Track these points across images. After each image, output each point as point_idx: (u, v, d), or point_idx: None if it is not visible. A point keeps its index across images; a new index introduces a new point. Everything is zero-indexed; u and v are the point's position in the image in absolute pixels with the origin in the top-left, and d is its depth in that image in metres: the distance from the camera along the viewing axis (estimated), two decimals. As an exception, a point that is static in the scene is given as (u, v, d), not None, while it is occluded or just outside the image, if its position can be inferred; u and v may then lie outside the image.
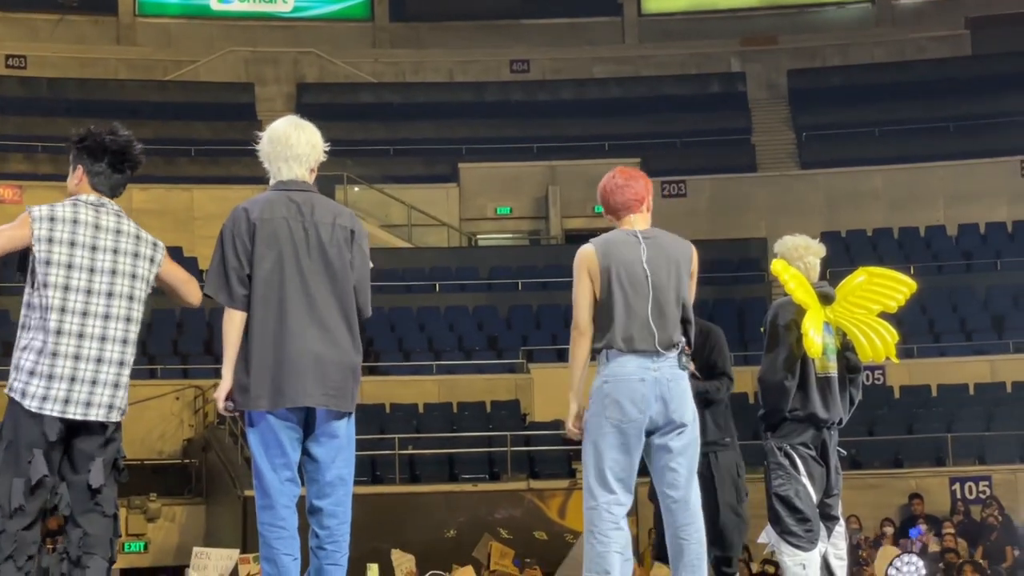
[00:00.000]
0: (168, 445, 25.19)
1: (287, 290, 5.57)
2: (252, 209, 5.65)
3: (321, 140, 5.86)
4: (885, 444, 24.02)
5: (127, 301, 5.52)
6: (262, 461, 5.56)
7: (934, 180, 31.16)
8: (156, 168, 31.55)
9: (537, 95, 34.65)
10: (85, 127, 5.75)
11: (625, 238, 6.08)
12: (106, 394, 5.44)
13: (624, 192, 6.16)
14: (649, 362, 5.91)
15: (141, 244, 5.63)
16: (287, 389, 5.52)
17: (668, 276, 6.05)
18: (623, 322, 5.92)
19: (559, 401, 28.00)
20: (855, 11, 36.23)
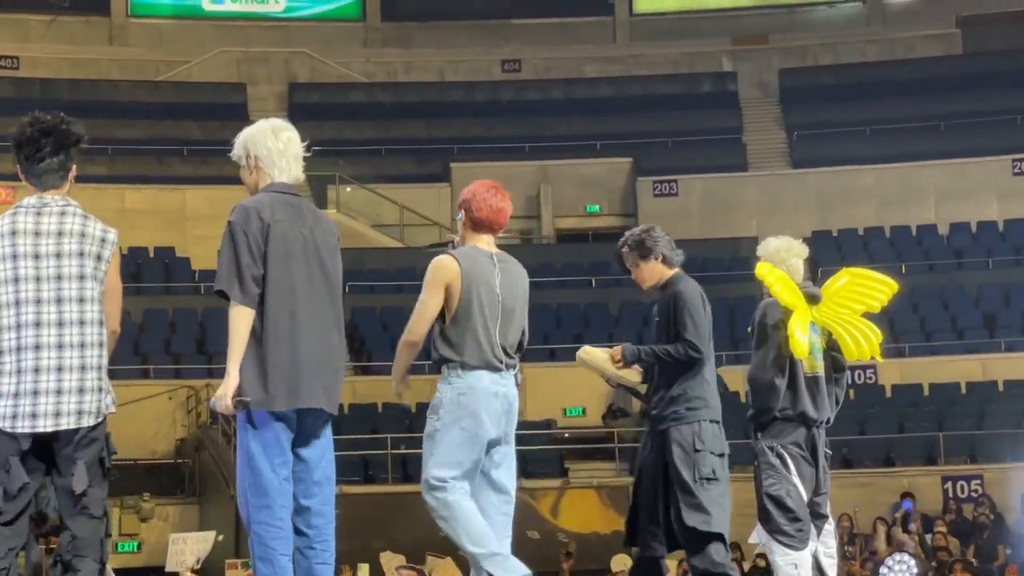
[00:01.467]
0: (161, 445, 25.20)
1: (300, 292, 5.63)
2: (262, 210, 5.64)
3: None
4: (877, 443, 24.07)
5: (78, 304, 5.36)
6: (262, 461, 5.58)
7: (925, 179, 31.22)
8: (148, 168, 31.58)
9: (528, 94, 34.68)
10: (18, 122, 5.55)
11: (485, 259, 6.18)
12: (72, 401, 5.34)
13: (501, 216, 6.24)
14: (499, 377, 6.11)
15: (86, 242, 5.43)
16: (301, 390, 5.58)
17: (515, 303, 6.24)
18: (480, 339, 6.06)
19: (551, 400, 28.17)
20: (846, 10, 36.29)
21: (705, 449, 6.92)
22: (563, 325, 27.92)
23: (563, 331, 27.64)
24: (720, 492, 6.92)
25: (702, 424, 6.94)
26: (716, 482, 6.91)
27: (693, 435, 6.94)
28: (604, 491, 23.07)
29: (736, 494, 7.09)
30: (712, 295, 27.67)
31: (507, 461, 6.19)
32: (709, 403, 7.01)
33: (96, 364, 5.43)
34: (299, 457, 5.67)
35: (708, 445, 6.93)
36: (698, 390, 7.00)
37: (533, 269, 29.08)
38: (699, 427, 6.94)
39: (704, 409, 6.98)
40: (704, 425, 6.95)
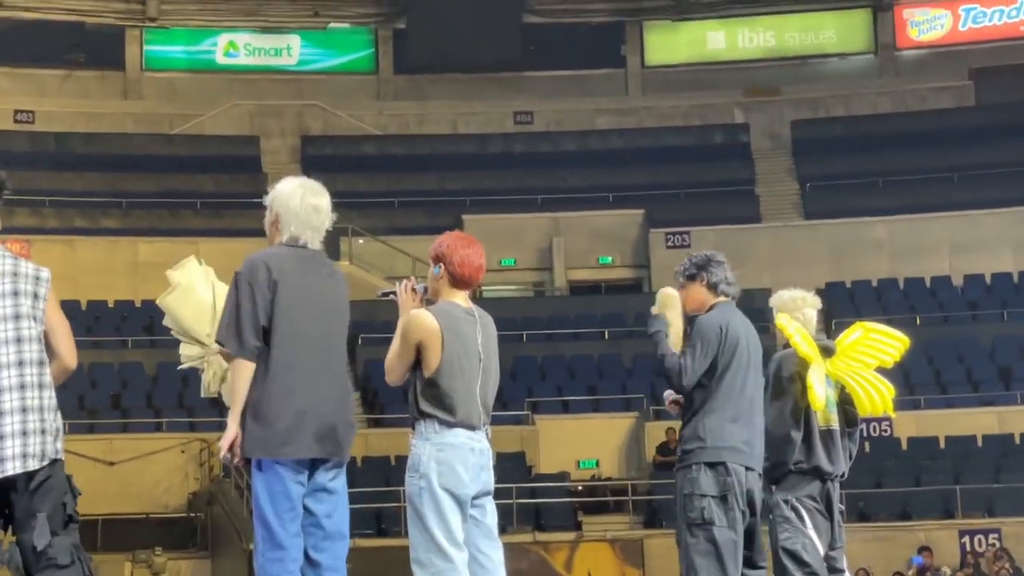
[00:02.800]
0: (173, 498, 25.11)
1: (308, 345, 5.66)
2: (271, 262, 5.69)
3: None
4: (893, 496, 23.91)
5: (15, 345, 5.19)
6: (271, 513, 5.58)
7: (939, 230, 31.17)
8: (161, 221, 31.66)
9: (540, 146, 34.76)
10: None
11: (465, 316, 6.10)
12: (16, 445, 5.12)
13: (480, 273, 6.18)
14: (474, 434, 6.03)
15: (20, 281, 5.31)
16: (305, 440, 5.60)
17: (492, 360, 6.16)
18: (459, 397, 5.99)
19: (565, 452, 28.05)
20: (857, 62, 36.38)
21: (694, 492, 6.64)
22: (576, 377, 27.85)
23: (576, 383, 27.57)
24: (708, 538, 6.59)
25: (693, 468, 6.68)
26: (705, 527, 6.59)
27: (685, 479, 6.71)
28: (618, 544, 22.92)
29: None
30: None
31: (491, 508, 6.16)
32: (708, 445, 6.69)
33: (38, 406, 5.21)
34: (309, 510, 5.67)
35: (699, 488, 6.64)
36: (700, 431, 6.70)
37: (546, 321, 29.10)
38: (691, 471, 6.69)
39: (698, 451, 6.69)
40: (696, 468, 6.67)
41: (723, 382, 6.75)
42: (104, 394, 26.72)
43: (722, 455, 6.67)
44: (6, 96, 33.98)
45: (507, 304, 30.68)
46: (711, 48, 36.54)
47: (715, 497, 6.62)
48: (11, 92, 34.16)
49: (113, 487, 24.70)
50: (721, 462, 6.66)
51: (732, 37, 36.53)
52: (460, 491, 5.96)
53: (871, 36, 36.15)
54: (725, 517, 6.60)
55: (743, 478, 6.68)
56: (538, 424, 26.08)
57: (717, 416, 6.71)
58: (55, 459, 5.24)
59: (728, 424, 6.70)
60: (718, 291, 6.91)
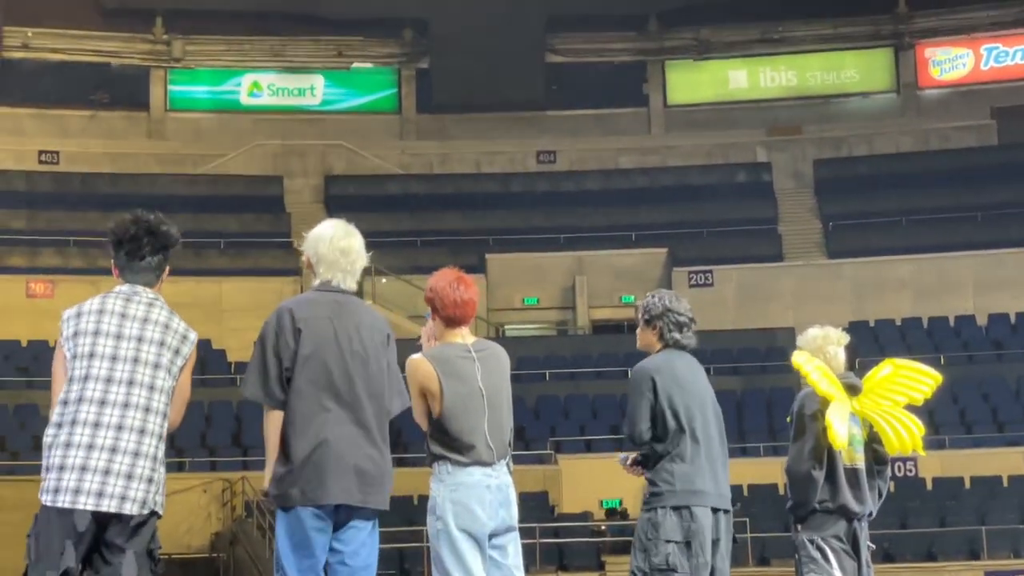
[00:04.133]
0: (196, 539, 25.09)
1: (331, 390, 5.67)
2: (296, 310, 5.73)
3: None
4: (918, 537, 23.75)
5: (147, 391, 5.38)
6: (289, 560, 5.61)
7: (962, 269, 31.08)
8: (186, 261, 31.73)
9: (563, 185, 34.81)
10: (119, 219, 5.65)
11: (462, 355, 6.08)
12: (119, 485, 5.26)
13: (467, 308, 6.15)
14: (490, 470, 6.03)
15: (168, 334, 5.48)
16: (329, 486, 5.60)
17: (500, 391, 6.15)
18: (467, 438, 5.99)
19: (588, 492, 27.95)
20: (880, 101, 36.38)
21: (658, 537, 6.56)
22: (599, 416, 27.79)
23: (599, 422, 27.51)
24: None
25: (659, 511, 6.61)
26: (669, 573, 6.53)
27: (648, 523, 6.63)
28: (641, 585, 22.79)
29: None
30: (748, 386, 27.68)
31: (513, 546, 6.12)
32: (677, 489, 6.64)
33: (151, 454, 5.37)
34: (335, 550, 5.67)
35: (663, 533, 6.56)
36: (668, 475, 6.65)
37: (569, 360, 29.05)
38: (656, 514, 6.62)
39: (667, 495, 6.64)
40: (662, 512, 6.61)
41: (679, 425, 6.71)
42: (127, 433, 26.74)
43: (688, 499, 6.64)
44: (31, 137, 34.21)
45: (530, 343, 30.67)
46: (733, 87, 36.60)
47: (679, 543, 6.58)
48: (36, 133, 34.40)
49: (136, 526, 24.70)
50: (686, 506, 6.63)
51: (754, 76, 36.59)
52: (477, 530, 5.94)
53: (893, 75, 36.17)
54: (687, 564, 6.55)
55: (708, 522, 6.67)
56: (561, 463, 26.01)
57: (680, 460, 6.69)
58: (154, 511, 5.38)
59: (690, 467, 6.68)
60: (665, 339, 6.92)
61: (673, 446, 6.69)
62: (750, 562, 22.66)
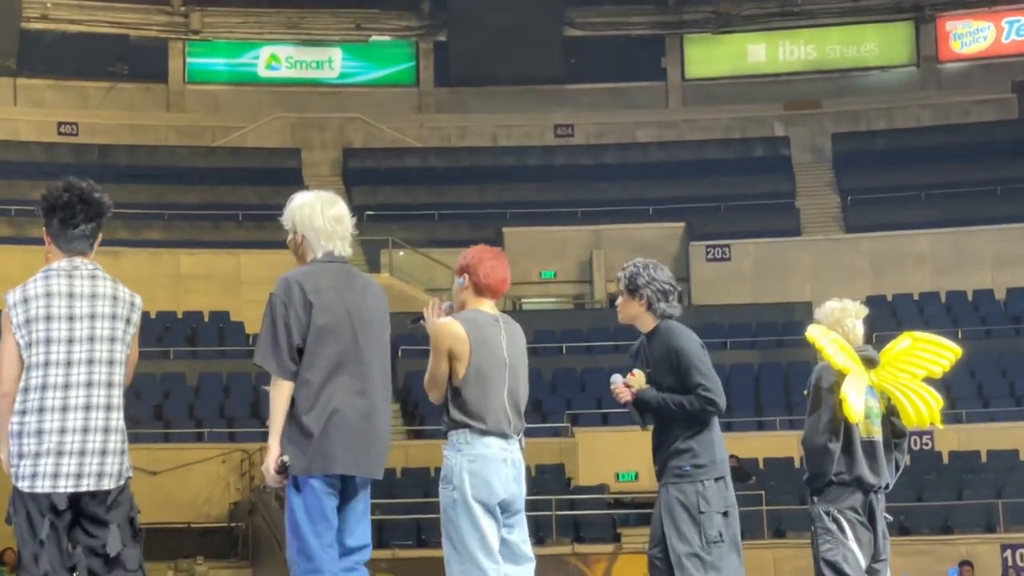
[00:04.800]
0: (214, 508, 25.23)
1: (343, 361, 5.69)
2: (304, 281, 5.73)
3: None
4: (934, 510, 23.78)
5: (107, 366, 5.42)
6: (306, 526, 5.64)
7: (981, 244, 31.00)
8: (203, 233, 31.86)
9: (581, 159, 34.77)
10: (51, 186, 5.58)
11: (491, 323, 6.15)
12: (95, 463, 5.35)
13: (504, 285, 6.25)
14: (507, 444, 6.07)
15: (118, 305, 5.50)
16: (339, 457, 5.63)
17: (520, 366, 6.22)
18: (487, 405, 6.03)
19: (604, 465, 27.96)
20: (899, 75, 36.24)
21: (711, 510, 6.61)
22: (616, 390, 27.82)
23: (616, 396, 27.55)
24: (719, 555, 6.59)
25: (706, 483, 6.66)
26: (720, 543, 6.59)
27: (697, 495, 6.64)
28: (657, 557, 22.86)
29: (792, 560, 6.99)
30: (766, 360, 27.70)
31: (520, 525, 6.17)
32: (716, 459, 6.72)
33: (119, 427, 5.45)
34: (342, 522, 5.73)
35: (713, 505, 6.61)
36: (706, 446, 6.70)
37: (586, 333, 29.09)
38: (703, 486, 6.66)
39: (711, 466, 6.70)
40: (708, 484, 6.66)
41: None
42: (146, 404, 26.88)
43: (724, 470, 6.74)
44: (50, 108, 34.30)
45: (547, 316, 30.71)
46: (752, 61, 36.49)
47: (723, 514, 6.67)
48: (55, 104, 34.48)
49: (155, 497, 24.82)
50: (723, 477, 6.71)
51: (773, 50, 36.47)
52: (492, 503, 5.99)
53: (913, 49, 36.02)
54: (726, 533, 6.63)
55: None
56: (577, 436, 26.07)
57: (717, 433, 6.78)
58: (129, 477, 5.48)
59: (718, 437, 6.77)
60: (656, 312, 6.94)
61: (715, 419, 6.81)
62: (765, 534, 22.70)
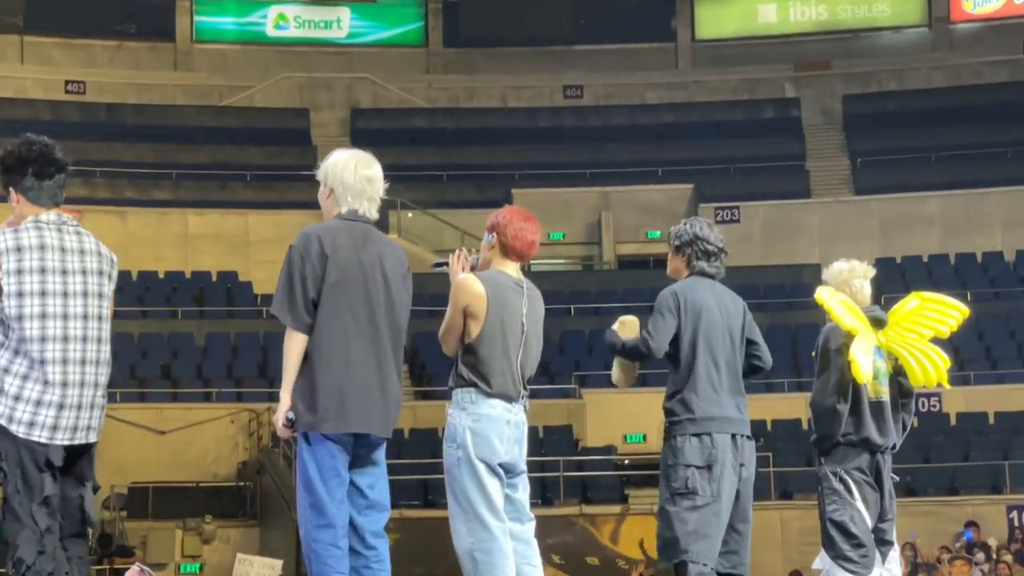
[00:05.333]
0: (223, 468, 25.33)
1: (356, 319, 5.72)
2: (324, 237, 5.74)
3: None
4: (941, 471, 23.82)
5: (98, 322, 5.47)
6: (318, 483, 5.66)
7: (991, 206, 30.93)
8: (211, 193, 31.85)
9: (590, 120, 34.69)
10: (11, 143, 5.58)
11: (513, 287, 6.13)
12: (94, 417, 5.44)
13: (533, 248, 6.22)
14: (511, 406, 6.06)
15: (103, 262, 5.54)
16: (352, 415, 5.66)
17: (537, 334, 6.19)
18: (497, 367, 6.03)
19: (612, 426, 28.01)
20: (911, 35, 36.06)
21: (677, 463, 6.56)
22: (624, 351, 27.84)
23: (624, 357, 27.57)
24: (690, 506, 6.51)
25: (679, 439, 6.59)
26: (691, 496, 6.51)
27: (669, 449, 6.63)
28: (664, 518, 22.93)
29: (799, 521, 6.97)
30: (774, 322, 27.65)
31: (523, 484, 6.18)
32: (697, 416, 6.62)
33: (105, 383, 5.53)
34: (353, 482, 5.76)
35: (681, 459, 6.55)
36: (680, 403, 6.65)
37: (594, 295, 29.06)
38: (676, 442, 6.60)
39: (686, 423, 6.60)
40: (682, 440, 6.59)
41: (699, 351, 6.68)
42: (154, 364, 26.96)
43: (708, 426, 6.62)
44: (58, 67, 34.24)
45: (555, 278, 30.68)
46: (762, 22, 36.33)
47: (699, 467, 6.55)
48: (63, 63, 34.42)
49: (163, 456, 24.95)
50: (707, 432, 6.60)
51: (783, 10, 36.29)
52: (494, 462, 6.01)
53: (925, 9, 35.84)
54: (708, 488, 6.53)
55: (728, 447, 6.63)
56: (585, 398, 26.11)
57: (702, 387, 6.65)
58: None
59: (714, 394, 6.65)
60: (693, 268, 6.90)
61: (688, 372, 6.68)
62: (772, 496, 22.75)
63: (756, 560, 7.34)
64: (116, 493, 24.13)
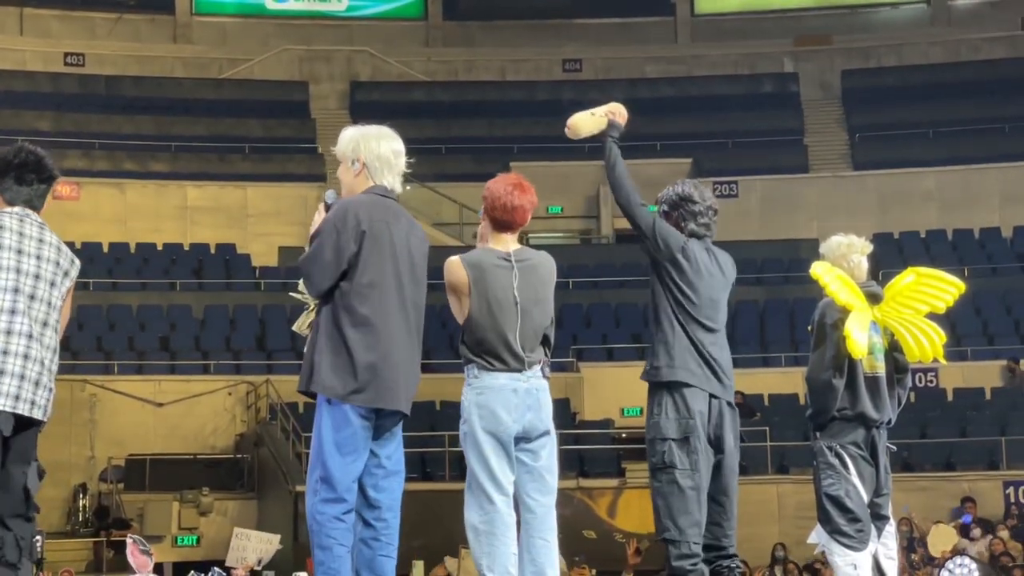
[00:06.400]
0: (220, 440, 25.38)
1: (390, 295, 5.79)
2: (361, 211, 5.79)
3: None
4: (937, 447, 23.87)
5: (46, 306, 5.57)
6: (335, 457, 5.69)
7: (989, 181, 30.94)
8: (210, 165, 31.84)
9: (589, 94, 34.45)
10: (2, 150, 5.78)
11: (497, 262, 6.14)
12: (39, 394, 5.51)
13: (517, 214, 6.21)
14: (518, 374, 6.07)
15: (61, 255, 5.68)
16: (384, 391, 5.73)
17: (536, 302, 6.18)
18: (492, 344, 6.05)
19: (609, 400, 28.07)
20: (910, 11, 36.01)
21: (655, 437, 6.46)
22: (622, 325, 27.90)
23: (622, 331, 27.62)
24: (669, 479, 6.42)
25: (655, 411, 6.49)
26: (670, 471, 6.43)
27: (649, 424, 6.54)
28: (661, 492, 22.99)
29: (796, 496, 7.00)
30: (772, 296, 27.65)
31: (547, 450, 6.20)
32: (675, 364, 6.47)
33: (52, 368, 5.60)
34: (374, 453, 5.81)
35: (660, 432, 6.43)
36: (660, 355, 6.49)
37: (592, 268, 29.13)
38: (655, 414, 6.50)
39: (664, 370, 6.48)
40: (660, 395, 6.48)
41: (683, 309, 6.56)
42: (152, 336, 26.98)
43: (681, 375, 6.46)
44: (57, 39, 34.17)
45: (553, 251, 30.22)
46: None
47: (676, 440, 6.43)
48: (62, 35, 34.35)
49: (161, 428, 24.99)
50: (682, 383, 6.44)
51: (783, -15, 36.21)
52: (502, 433, 6.04)
53: (924, -15, 35.77)
54: (687, 460, 6.41)
55: (704, 410, 6.44)
56: (583, 371, 26.16)
57: (675, 335, 6.54)
58: (44, 422, 5.60)
59: (691, 349, 6.48)
60: (686, 233, 6.83)
61: (671, 329, 6.56)
62: (769, 470, 22.81)
63: (753, 534, 7.39)
64: (113, 465, 24.19)
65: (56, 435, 21.83)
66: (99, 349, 26.41)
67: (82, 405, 24.55)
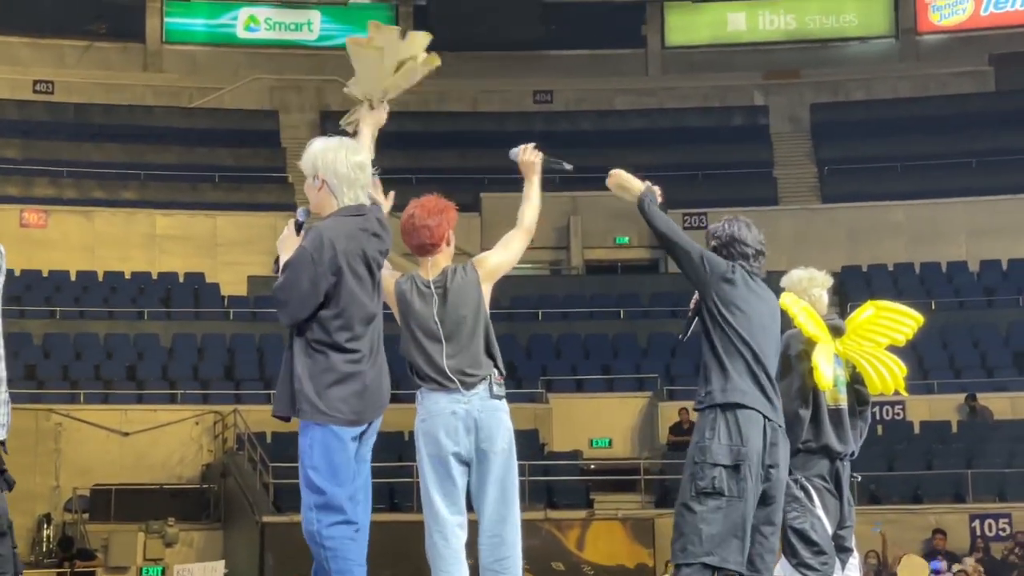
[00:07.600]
0: (187, 470, 25.23)
1: (366, 323, 5.76)
2: (337, 242, 5.68)
3: None
4: (904, 479, 23.92)
5: None
6: (330, 480, 5.62)
7: (956, 215, 31.11)
8: (180, 194, 31.74)
9: (559, 125, 34.71)
10: None
11: (420, 289, 6.17)
12: (5, 413, 5.34)
13: (420, 235, 6.26)
14: (459, 396, 6.08)
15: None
16: (369, 406, 5.74)
17: (460, 324, 6.12)
18: (424, 368, 6.12)
19: (578, 431, 28.01)
20: (878, 46, 36.26)
21: (705, 461, 6.24)
22: (591, 356, 27.89)
23: (591, 362, 27.61)
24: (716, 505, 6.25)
25: (707, 433, 6.31)
26: (717, 497, 6.24)
27: (696, 447, 6.33)
28: (629, 523, 22.99)
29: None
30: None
31: (493, 474, 6.09)
32: (727, 389, 6.35)
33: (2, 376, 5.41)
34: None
35: (711, 457, 6.24)
36: (713, 383, 6.36)
37: (562, 300, 29.12)
38: (704, 438, 6.32)
39: (716, 393, 6.36)
40: (712, 417, 6.32)
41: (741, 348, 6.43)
42: (119, 365, 26.84)
43: (736, 396, 6.33)
44: (26, 66, 34.07)
45: (523, 282, 30.67)
46: (732, 29, 36.47)
47: (727, 467, 6.27)
48: (31, 62, 34.25)
49: (127, 458, 24.83)
50: (737, 404, 6.31)
51: (753, 19, 36.45)
52: (443, 455, 6.06)
53: (892, 20, 36.04)
54: (736, 487, 6.24)
55: (758, 438, 6.33)
56: (552, 402, 26.13)
57: (729, 370, 6.41)
58: (2, 441, 5.39)
59: (743, 376, 6.38)
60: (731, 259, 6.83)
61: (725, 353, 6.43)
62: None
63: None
64: (78, 495, 24.00)
65: (21, 464, 21.64)
66: (65, 378, 26.25)
67: (47, 434, 24.36)
